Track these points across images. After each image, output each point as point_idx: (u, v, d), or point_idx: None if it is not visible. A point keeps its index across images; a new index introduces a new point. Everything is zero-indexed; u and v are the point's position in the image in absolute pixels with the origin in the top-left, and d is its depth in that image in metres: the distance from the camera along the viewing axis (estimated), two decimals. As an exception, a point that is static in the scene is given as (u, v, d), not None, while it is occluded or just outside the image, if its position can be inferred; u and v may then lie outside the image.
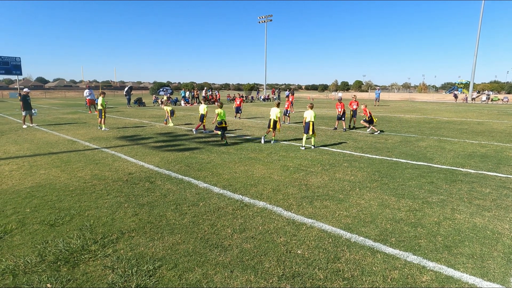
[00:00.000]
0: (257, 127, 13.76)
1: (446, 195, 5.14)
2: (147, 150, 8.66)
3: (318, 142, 9.94)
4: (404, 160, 7.61)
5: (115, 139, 10.44)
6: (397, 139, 10.62)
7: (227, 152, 8.42)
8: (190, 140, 10.39)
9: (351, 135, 11.50)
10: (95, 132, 11.97)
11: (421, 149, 8.94)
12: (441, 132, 12.49)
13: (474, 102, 40.69)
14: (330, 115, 19.94)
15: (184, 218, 4.23)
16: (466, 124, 15.21)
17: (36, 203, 4.72)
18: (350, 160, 7.61)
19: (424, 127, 13.92)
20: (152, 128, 13.20)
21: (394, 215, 4.32)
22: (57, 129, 12.78)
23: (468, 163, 7.37)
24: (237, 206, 4.66)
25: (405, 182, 5.84)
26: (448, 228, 3.97)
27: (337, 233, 3.80)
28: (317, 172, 6.49)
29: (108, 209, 4.49)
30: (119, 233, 3.77)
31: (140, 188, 5.45)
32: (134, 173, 6.34)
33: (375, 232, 3.83)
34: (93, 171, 6.46)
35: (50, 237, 3.66)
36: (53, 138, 10.44)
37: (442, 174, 6.37)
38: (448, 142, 10.21)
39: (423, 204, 4.75)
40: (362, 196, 5.10)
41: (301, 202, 4.81)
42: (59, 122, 15.32)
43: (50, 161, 7.33)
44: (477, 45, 42.74)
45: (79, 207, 4.56)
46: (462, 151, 8.79)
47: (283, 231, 3.86)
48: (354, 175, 6.27)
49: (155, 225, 4.01)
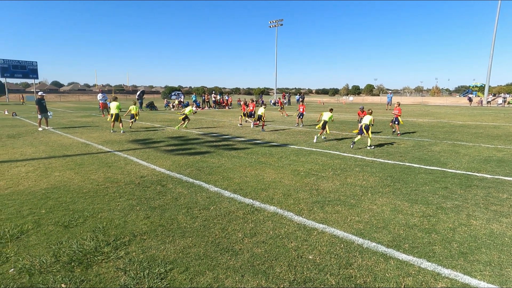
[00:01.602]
0: (267, 131, 13.76)
1: (461, 201, 5.02)
2: (159, 153, 8.77)
3: (329, 147, 9.86)
4: (417, 165, 7.47)
5: (127, 142, 10.61)
6: (409, 144, 10.45)
7: (237, 156, 8.45)
8: (201, 144, 10.47)
9: (362, 140, 11.36)
10: (108, 135, 12.20)
11: (435, 154, 8.76)
12: (455, 136, 12.23)
13: (489, 106, 39.69)
14: (342, 120, 19.79)
15: (195, 221, 4.25)
16: (481, 128, 14.83)
17: (51, 205, 4.83)
18: (362, 164, 7.52)
19: (437, 131, 13.65)
20: (163, 132, 13.37)
21: (407, 221, 4.24)
22: (71, 132, 13.10)
23: (484, 168, 7.17)
24: (248, 210, 4.66)
25: (418, 187, 5.73)
26: (463, 234, 3.87)
27: (349, 239, 3.75)
28: (328, 177, 6.44)
29: (120, 212, 4.56)
30: (131, 236, 3.81)
31: (152, 191, 5.51)
32: (146, 176, 6.42)
33: (387, 238, 3.77)
34: (106, 174, 6.57)
35: (65, 238, 3.74)
36: (68, 141, 10.69)
37: (457, 179, 6.22)
38: (462, 146, 9.98)
39: (437, 210, 4.64)
40: (374, 201, 5.03)
41: (312, 207, 4.77)
42: (73, 125, 15.69)
43: (64, 163, 7.50)
44: (493, 47, 41.81)
45: (92, 209, 4.64)
46: (477, 155, 8.57)
47: (294, 236, 3.83)
48: (366, 180, 6.19)
49: (167, 228, 4.04)
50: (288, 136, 12.43)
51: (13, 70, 46.73)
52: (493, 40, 41.67)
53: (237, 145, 10.36)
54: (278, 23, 54.75)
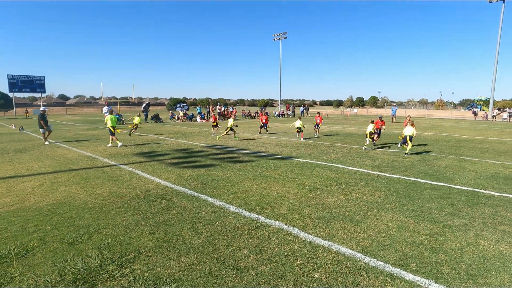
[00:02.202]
0: (272, 144, 13.79)
1: (468, 219, 4.95)
2: (164, 166, 8.81)
3: (334, 160, 9.85)
4: (423, 180, 7.42)
5: (132, 155, 10.69)
6: (415, 158, 10.39)
7: (242, 169, 8.46)
8: (206, 156, 10.51)
9: (367, 153, 11.34)
10: (113, 148, 12.30)
11: (440, 169, 8.70)
12: (461, 151, 12.14)
13: (494, 120, 39.42)
14: (347, 132, 19.78)
15: (200, 237, 4.24)
16: (487, 143, 14.71)
17: (56, 221, 4.85)
18: (367, 179, 7.49)
19: (442, 145, 13.58)
20: (168, 145, 13.46)
21: (414, 239, 4.19)
22: (77, 145, 13.22)
23: (491, 184, 7.09)
24: (253, 225, 4.64)
25: (424, 203, 5.68)
26: (471, 255, 3.81)
27: (355, 257, 3.71)
28: (334, 192, 6.41)
29: (125, 227, 4.57)
30: (136, 253, 3.81)
31: (157, 205, 5.53)
32: (151, 190, 6.45)
33: (394, 256, 3.72)
34: (111, 188, 6.61)
35: (70, 256, 3.74)
36: (73, 155, 10.80)
37: (464, 196, 6.15)
38: (468, 161, 9.90)
39: (444, 228, 4.58)
40: (380, 217, 4.99)
41: (317, 223, 4.74)
42: (79, 138, 15.85)
43: (70, 178, 7.57)
44: (497, 60, 41.88)
45: (97, 225, 4.65)
46: (483, 171, 8.48)
47: (299, 253, 3.80)
48: (372, 195, 6.16)
49: (172, 244, 4.04)
50: (293, 148, 12.44)
51: (21, 85, 47.56)
52: (496, 53, 41.81)
53: (242, 157, 10.39)
54: (282, 36, 55.53)
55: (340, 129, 22.65)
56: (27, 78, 48.17)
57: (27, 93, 59.58)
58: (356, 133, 19.13)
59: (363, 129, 21.67)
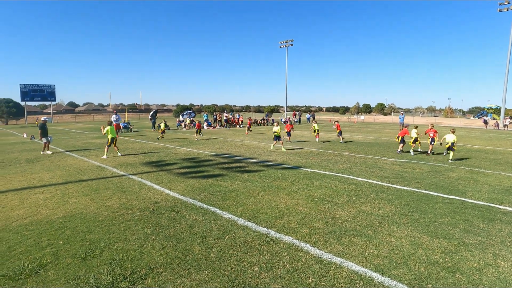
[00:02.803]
0: (279, 152, 13.75)
1: (484, 236, 4.83)
2: (172, 177, 8.84)
3: (343, 170, 9.77)
4: (435, 193, 7.29)
5: (141, 165, 10.76)
6: (425, 168, 10.25)
7: (250, 180, 8.44)
8: (214, 166, 10.52)
9: (376, 163, 11.22)
10: (122, 157, 12.40)
11: (452, 181, 8.55)
12: (472, 162, 11.92)
13: (506, 129, 38.67)
14: (354, 140, 19.64)
15: (210, 252, 4.22)
16: (500, 154, 14.41)
17: (68, 235, 4.87)
18: (377, 191, 7.39)
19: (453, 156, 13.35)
20: (176, 153, 13.52)
21: (428, 257, 4.10)
22: (87, 154, 13.36)
23: (507, 199, 6.90)
24: (263, 240, 4.60)
25: (437, 218, 5.56)
26: (491, 277, 3.69)
27: (368, 275, 3.64)
28: (343, 204, 6.34)
29: (136, 242, 4.57)
30: (148, 269, 3.80)
31: (166, 218, 5.53)
32: (160, 202, 6.46)
33: (409, 276, 3.64)
34: (121, 200, 6.64)
35: (82, 272, 3.74)
36: (83, 165, 10.91)
37: (478, 211, 6.01)
38: (481, 173, 9.71)
39: (459, 246, 4.47)
40: (392, 232, 4.90)
41: (328, 238, 4.68)
42: (88, 147, 16.02)
43: (80, 188, 7.63)
44: (508, 67, 41.41)
45: (108, 239, 4.66)
46: (498, 184, 8.29)
47: (311, 271, 3.75)
48: (382, 209, 6.07)
49: (182, 260, 4.02)
50: (300, 157, 12.39)
51: (32, 94, 48.61)
52: (507, 61, 41.35)
53: (250, 167, 10.37)
54: (288, 43, 55.85)
55: (347, 136, 22.49)
56: (38, 87, 49.21)
57: (38, 102, 60.77)
58: (364, 142, 18.98)
59: (371, 137, 21.54)
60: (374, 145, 17.05)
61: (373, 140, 20.31)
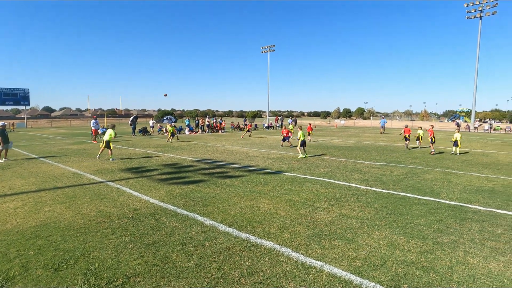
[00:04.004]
0: (261, 157, 13.79)
1: (456, 235, 5.03)
2: (152, 183, 8.67)
3: (323, 174, 9.91)
4: (411, 194, 7.53)
5: (120, 171, 10.48)
6: (402, 171, 10.57)
7: (232, 185, 8.41)
8: (195, 171, 10.41)
9: (356, 166, 11.47)
10: (100, 164, 12.05)
11: (428, 183, 8.86)
12: (446, 163, 12.43)
13: (476, 131, 40.77)
14: (334, 144, 20.01)
15: (190, 260, 4.15)
16: (471, 155, 15.14)
17: (40, 245, 4.65)
18: (357, 194, 7.55)
19: (428, 158, 13.88)
20: (157, 159, 13.28)
21: (405, 258, 4.22)
22: (63, 161, 12.87)
23: (476, 199, 7.25)
24: (244, 246, 4.58)
25: (413, 219, 5.74)
26: (461, 273, 3.84)
27: (348, 278, 3.69)
28: (324, 208, 6.42)
29: (113, 250, 4.43)
30: (125, 278, 3.69)
31: (146, 226, 5.40)
32: (139, 209, 6.31)
33: (386, 277, 3.72)
34: (98, 207, 6.44)
35: (54, 284, 3.57)
36: (58, 171, 10.50)
37: (451, 211, 6.26)
38: (454, 174, 10.13)
39: (433, 245, 4.63)
40: (371, 235, 5.01)
41: (309, 242, 4.72)
42: (64, 153, 15.44)
43: (55, 196, 7.33)
44: (476, 73, 43.71)
45: (83, 248, 4.49)
46: (469, 185, 8.69)
47: (292, 275, 3.76)
48: (362, 211, 6.19)
49: (161, 268, 3.93)
50: (282, 162, 12.48)
51: (4, 98, 46.36)
52: (476, 66, 43.63)
53: (232, 172, 10.34)
54: (270, 49, 56.43)
55: (328, 141, 22.90)
56: (10, 91, 47.05)
57: (10, 106, 58.13)
58: (344, 146, 19.37)
59: (352, 141, 22.04)
60: (354, 149, 17.44)
61: (353, 144, 20.78)
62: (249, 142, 21.76)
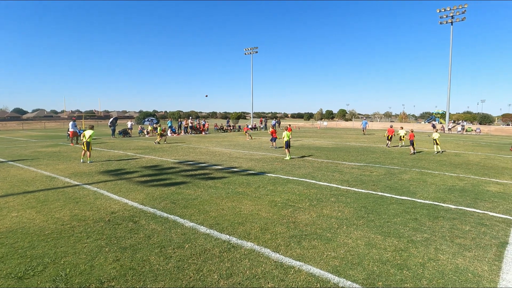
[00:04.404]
0: (244, 158, 13.77)
1: (429, 233, 5.20)
2: (132, 185, 8.46)
3: (305, 175, 10.01)
4: (389, 194, 7.72)
5: (97, 174, 10.17)
6: (381, 172, 10.84)
7: (214, 187, 8.34)
8: (176, 173, 10.25)
9: (337, 167, 11.66)
10: (77, 166, 11.65)
11: (405, 182, 9.13)
12: (422, 164, 12.85)
13: (450, 132, 42.54)
14: (317, 146, 20.26)
15: (168, 262, 4.08)
16: (445, 156, 15.74)
17: (3, 252, 4.39)
18: (337, 194, 7.66)
19: (406, 159, 14.31)
20: (137, 161, 12.99)
21: (381, 256, 4.31)
22: (35, 164, 12.32)
23: (449, 197, 7.53)
24: (224, 247, 4.55)
25: (390, 218, 5.89)
26: (432, 270, 3.98)
27: (325, 277, 3.73)
28: (305, 208, 6.48)
29: (87, 255, 4.28)
30: (98, 283, 3.57)
31: (123, 229, 5.26)
32: (117, 212, 6.14)
33: (362, 275, 3.79)
34: (73, 211, 6.21)
35: (18, 293, 3.40)
36: (30, 175, 10.04)
37: (425, 210, 6.47)
38: (429, 174, 10.49)
39: (408, 243, 4.77)
40: (349, 234, 5.09)
41: (289, 242, 4.74)
42: (37, 156, 14.77)
43: (24, 201, 6.99)
44: (450, 76, 45.58)
45: (54, 254, 4.31)
46: (442, 184, 9.02)
47: (271, 276, 3.76)
48: (341, 211, 6.29)
49: (138, 271, 3.84)
50: (265, 163, 12.51)
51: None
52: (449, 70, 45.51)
53: (214, 173, 10.26)
54: (253, 51, 56.57)
55: (311, 142, 23.17)
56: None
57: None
58: (327, 147, 19.66)
59: (333, 142, 22.38)
60: (336, 150, 17.73)
61: (335, 145, 21.12)
62: (232, 143, 21.68)
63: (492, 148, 20.43)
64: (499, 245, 4.77)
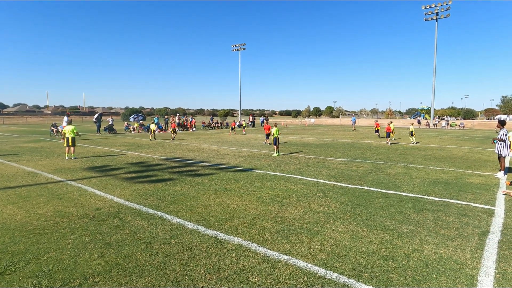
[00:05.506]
0: (232, 155, 13.73)
1: (414, 225, 5.32)
2: (117, 182, 8.31)
3: (293, 171, 10.06)
4: (375, 188, 7.86)
5: (82, 170, 9.94)
6: (367, 167, 11.01)
7: (201, 183, 8.28)
8: (163, 170, 10.13)
9: (324, 163, 11.77)
10: (61, 162, 11.35)
11: (390, 177, 9.31)
12: (408, 158, 13.14)
13: (435, 128, 43.67)
14: (304, 142, 20.40)
15: (155, 258, 4.03)
16: (429, 150, 16.13)
17: (-17, 248, 4.27)
18: (324, 189, 7.74)
19: (392, 154, 14.58)
20: (123, 158, 12.76)
21: (367, 248, 4.38)
22: (16, 159, 11.95)
23: (433, 190, 7.72)
24: (211, 243, 4.52)
25: (376, 212, 6.00)
26: (417, 260, 4.07)
27: (312, 270, 3.77)
28: (292, 203, 6.51)
29: (71, 251, 4.18)
30: (82, 279, 3.49)
31: (108, 225, 5.16)
32: (102, 209, 6.02)
33: (348, 267, 3.85)
34: (56, 207, 6.05)
35: (-1, 289, 3.31)
36: (11, 170, 9.73)
37: (410, 203, 6.62)
38: (414, 169, 10.73)
39: (393, 236, 4.86)
40: (336, 228, 5.15)
41: (276, 237, 4.76)
42: (19, 151, 14.34)
43: (5, 197, 6.78)
44: (434, 73, 46.63)
45: (37, 250, 4.20)
46: (427, 178, 9.24)
47: (258, 270, 3.77)
48: (328, 206, 6.36)
49: (123, 267, 3.78)
50: (253, 160, 12.51)
51: None
52: (434, 66, 46.55)
53: (201, 170, 10.19)
54: (241, 47, 56.32)
55: (299, 139, 23.32)
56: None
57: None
58: (314, 143, 19.82)
59: (321, 139, 22.62)
60: (323, 146, 17.90)
61: (322, 141, 21.33)
62: (220, 140, 21.60)
63: (475, 142, 21.10)
64: (481, 234, 4.94)
